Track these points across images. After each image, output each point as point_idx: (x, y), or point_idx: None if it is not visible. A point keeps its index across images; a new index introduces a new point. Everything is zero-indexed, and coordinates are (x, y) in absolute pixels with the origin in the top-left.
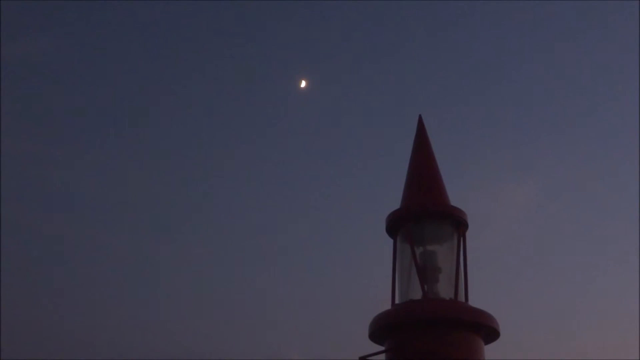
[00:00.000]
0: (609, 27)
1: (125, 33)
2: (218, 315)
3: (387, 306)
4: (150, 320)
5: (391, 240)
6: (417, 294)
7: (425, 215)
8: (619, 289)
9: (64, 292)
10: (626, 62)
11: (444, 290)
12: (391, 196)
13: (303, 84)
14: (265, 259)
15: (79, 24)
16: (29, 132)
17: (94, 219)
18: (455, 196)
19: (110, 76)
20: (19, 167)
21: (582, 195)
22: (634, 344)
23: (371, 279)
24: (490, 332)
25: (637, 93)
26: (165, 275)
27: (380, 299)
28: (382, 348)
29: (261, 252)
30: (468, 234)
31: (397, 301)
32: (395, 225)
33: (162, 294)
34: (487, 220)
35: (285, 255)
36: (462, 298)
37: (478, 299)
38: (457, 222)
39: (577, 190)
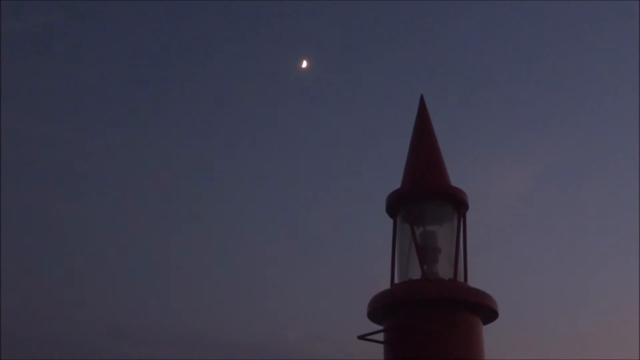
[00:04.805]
0: (609, 19)
1: (126, 15)
2: (217, 293)
3: (387, 286)
4: (154, 299)
5: (391, 220)
6: (416, 274)
7: (425, 195)
8: (618, 270)
9: (76, 277)
10: (625, 51)
11: (443, 270)
12: (392, 176)
13: (304, 64)
14: (263, 237)
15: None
16: (34, 114)
17: (105, 200)
18: (456, 177)
19: (115, 59)
20: (24, 148)
21: (580, 177)
22: (634, 334)
23: (371, 259)
24: (488, 313)
25: (636, 80)
26: (173, 258)
27: (379, 278)
28: (380, 327)
29: (260, 229)
30: (468, 214)
31: (396, 281)
32: (396, 205)
33: (167, 275)
34: (488, 202)
35: (285, 234)
36: (461, 278)
37: (477, 280)
38: (457, 203)
39: (576, 172)
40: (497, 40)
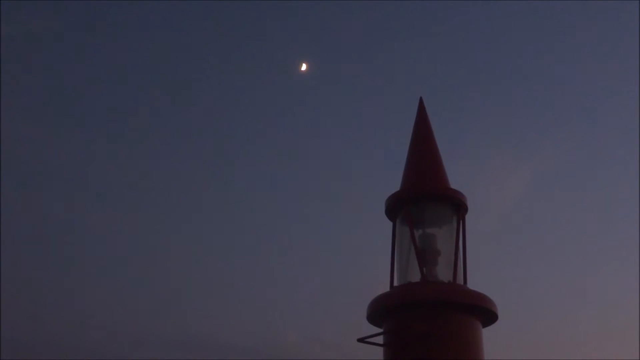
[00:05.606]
0: (609, 20)
1: (126, 17)
2: (216, 295)
3: (386, 288)
4: (153, 300)
5: (390, 223)
6: (415, 276)
7: (425, 197)
8: (618, 271)
9: (75, 278)
10: (625, 53)
11: (443, 273)
12: (391, 178)
13: (303, 67)
14: (263, 240)
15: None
16: (32, 114)
17: (104, 201)
18: (455, 179)
19: (115, 61)
20: (24, 149)
21: (580, 179)
22: (634, 329)
23: (370, 261)
24: (488, 315)
25: (636, 82)
26: (172, 259)
27: (378, 281)
28: (380, 330)
29: (259, 231)
30: (468, 217)
31: (395, 283)
32: (395, 207)
33: (166, 276)
34: (487, 204)
35: (284, 236)
36: (460, 281)
37: (477, 282)
38: (456, 205)
39: (576, 174)
40: (497, 43)
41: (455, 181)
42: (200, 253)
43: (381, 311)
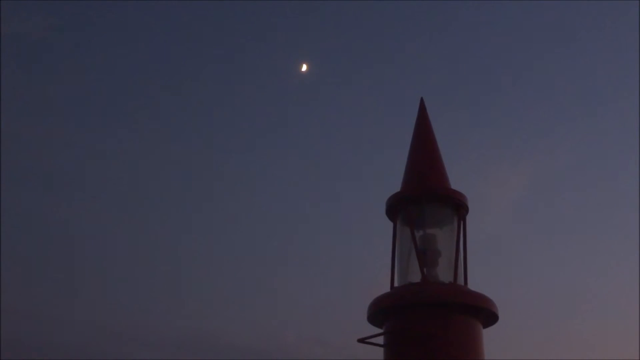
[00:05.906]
0: (610, 20)
1: (127, 17)
2: (217, 295)
3: (386, 289)
4: (154, 301)
5: (391, 223)
6: (416, 277)
7: (425, 198)
8: (617, 272)
9: (77, 279)
10: (624, 55)
11: (443, 273)
12: (392, 178)
13: (304, 67)
14: (263, 241)
15: (79, 5)
16: (32, 115)
17: (105, 201)
18: (456, 180)
19: (116, 61)
20: (24, 150)
21: (579, 179)
22: (634, 329)
23: (371, 262)
24: (488, 316)
25: (636, 83)
26: (173, 260)
27: (379, 281)
28: (380, 330)
29: (260, 232)
30: (468, 218)
31: (396, 284)
32: (396, 208)
33: (167, 277)
34: (488, 205)
35: (285, 236)
36: (461, 281)
37: (477, 283)
38: (457, 206)
39: (575, 175)
40: (497, 45)
41: (455, 182)
42: (201, 253)
43: (382, 312)
